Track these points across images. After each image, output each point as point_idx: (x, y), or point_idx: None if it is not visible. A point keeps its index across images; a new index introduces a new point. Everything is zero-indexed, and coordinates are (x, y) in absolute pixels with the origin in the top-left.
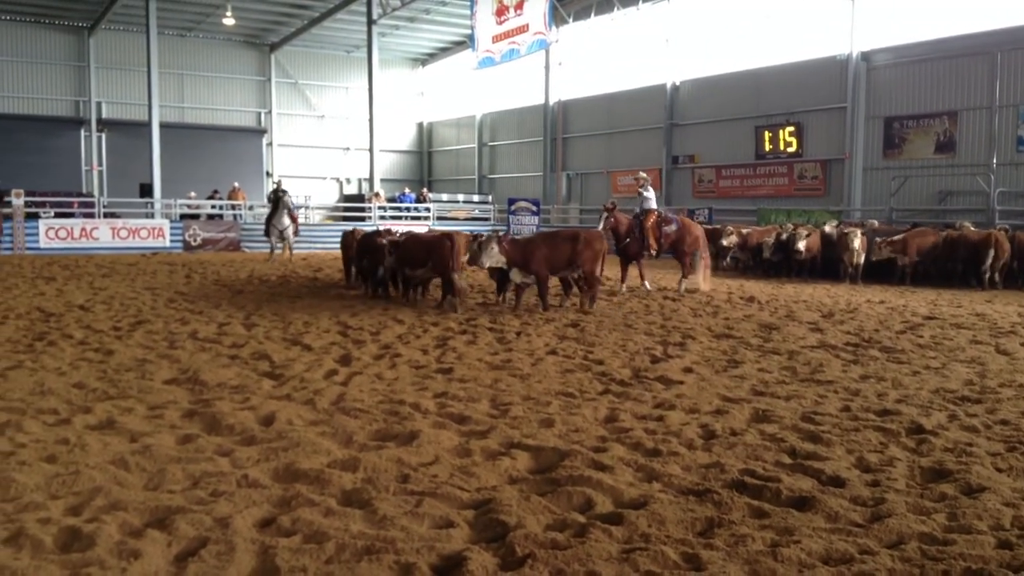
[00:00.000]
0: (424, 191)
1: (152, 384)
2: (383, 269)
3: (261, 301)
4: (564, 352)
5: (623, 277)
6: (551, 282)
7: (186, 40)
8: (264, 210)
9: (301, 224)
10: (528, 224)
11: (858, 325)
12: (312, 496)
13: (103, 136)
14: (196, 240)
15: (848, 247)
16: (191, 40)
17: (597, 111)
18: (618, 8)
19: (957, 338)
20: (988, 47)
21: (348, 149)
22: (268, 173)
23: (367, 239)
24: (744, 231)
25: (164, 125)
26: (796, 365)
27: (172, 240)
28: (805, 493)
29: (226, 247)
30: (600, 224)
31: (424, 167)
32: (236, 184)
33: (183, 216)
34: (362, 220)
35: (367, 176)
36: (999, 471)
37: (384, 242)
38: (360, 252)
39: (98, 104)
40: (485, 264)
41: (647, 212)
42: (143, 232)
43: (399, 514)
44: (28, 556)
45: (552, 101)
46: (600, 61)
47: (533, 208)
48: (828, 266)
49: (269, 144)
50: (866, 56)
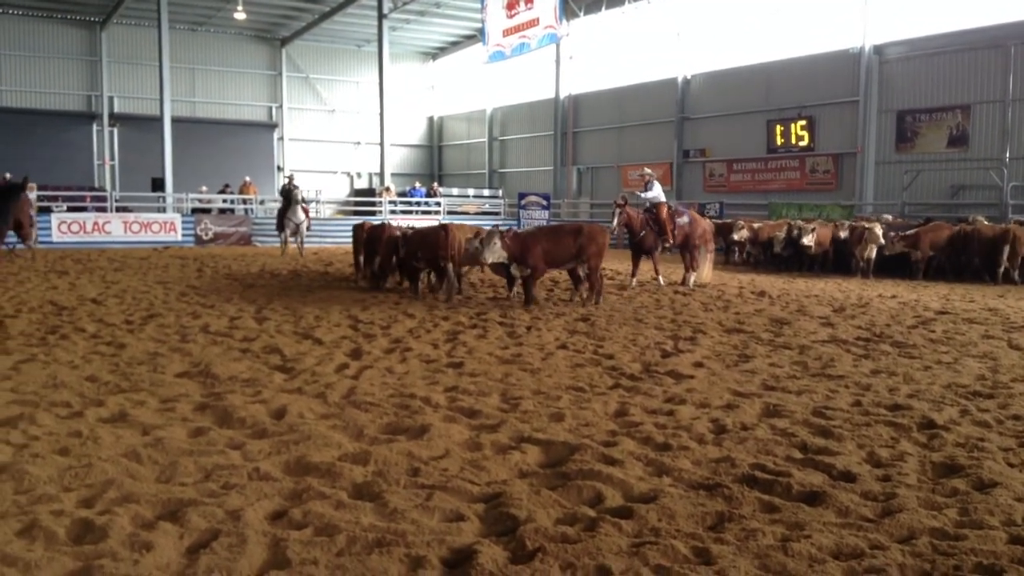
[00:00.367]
0: (435, 185)
1: (164, 377)
2: (380, 260)
3: (272, 295)
4: (574, 346)
5: (634, 271)
6: (554, 276)
7: (197, 35)
8: (275, 204)
9: (312, 218)
10: (538, 219)
11: (870, 320)
12: (323, 489)
13: (115, 131)
14: (208, 234)
15: (874, 240)
16: (202, 35)
17: (608, 105)
18: (629, 1)
19: (969, 333)
20: (1002, 40)
21: (359, 143)
22: (279, 167)
23: (375, 231)
24: (755, 225)
25: (176, 120)
26: (807, 360)
27: (184, 234)
28: (816, 488)
29: (237, 241)
30: (614, 221)
31: (434, 161)
32: (247, 178)
33: (195, 210)
34: (373, 214)
35: (378, 170)
36: (1011, 466)
37: (398, 234)
38: (372, 244)
39: (110, 99)
40: (488, 259)
41: (658, 205)
42: (155, 226)
43: (409, 507)
44: (41, 548)
45: (563, 95)
46: (611, 55)
47: (543, 203)
48: (840, 261)
49: (280, 138)
50: (878, 49)
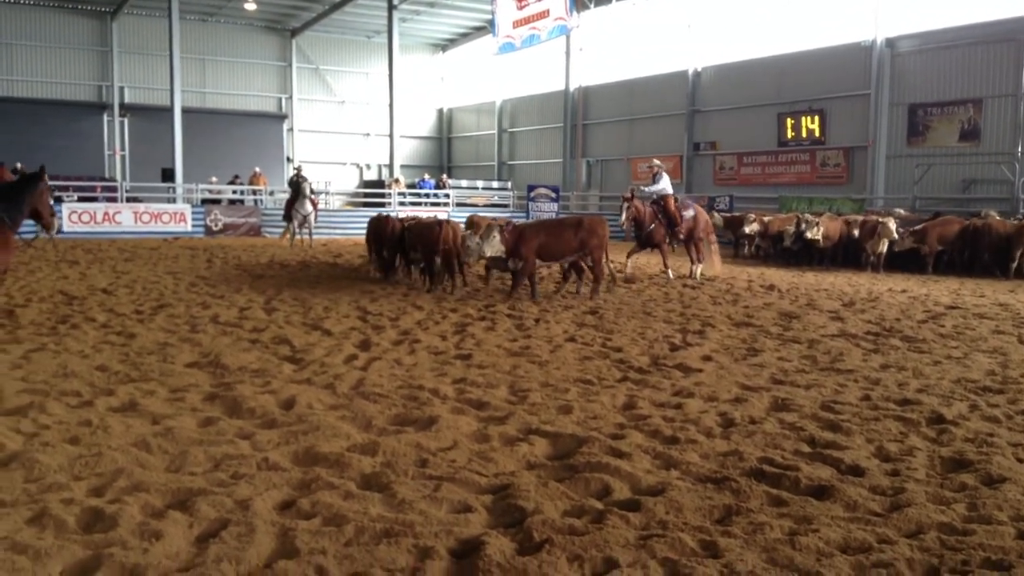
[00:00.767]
0: (444, 177)
1: (174, 367)
2: (388, 251)
3: (282, 286)
4: (583, 339)
5: (630, 255)
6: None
7: (208, 25)
8: (284, 195)
9: (321, 210)
10: (548, 211)
11: (879, 314)
12: (332, 479)
13: (125, 121)
14: (217, 225)
15: (888, 234)
16: (213, 25)
17: (618, 97)
18: None
19: (979, 328)
20: (1014, 34)
21: (368, 135)
22: (289, 158)
23: (379, 223)
24: (765, 219)
25: (186, 110)
26: (816, 354)
27: (194, 225)
28: (824, 482)
29: (247, 232)
30: (622, 215)
31: (444, 153)
32: (257, 169)
33: (204, 201)
34: (382, 206)
35: (387, 162)
36: (1020, 461)
37: (405, 225)
38: (378, 236)
39: (120, 89)
40: (487, 253)
41: (665, 197)
42: (165, 217)
43: (417, 498)
44: (51, 536)
45: (573, 87)
46: (621, 47)
47: (553, 195)
48: (850, 254)
49: (290, 129)
50: (891, 42)
